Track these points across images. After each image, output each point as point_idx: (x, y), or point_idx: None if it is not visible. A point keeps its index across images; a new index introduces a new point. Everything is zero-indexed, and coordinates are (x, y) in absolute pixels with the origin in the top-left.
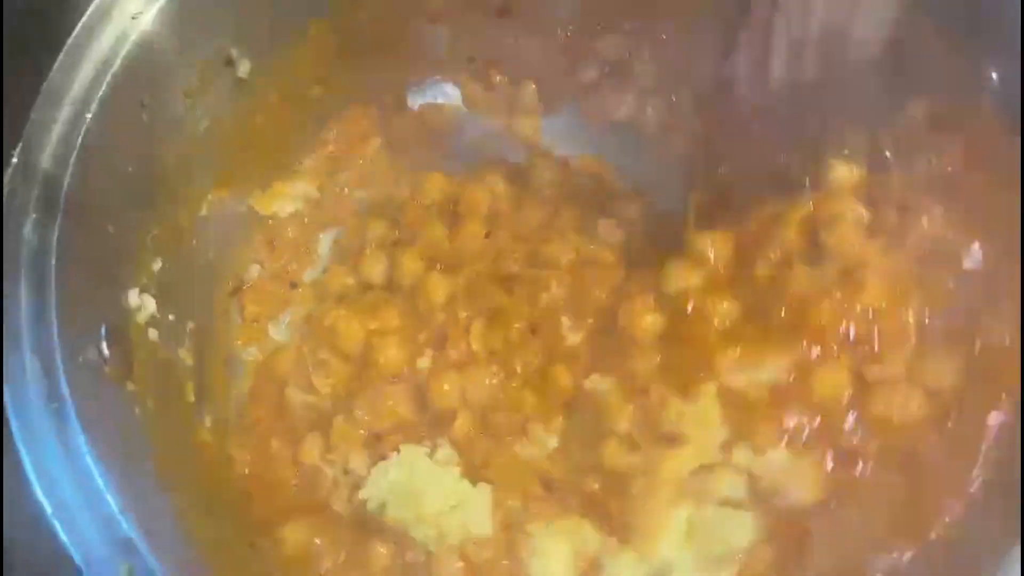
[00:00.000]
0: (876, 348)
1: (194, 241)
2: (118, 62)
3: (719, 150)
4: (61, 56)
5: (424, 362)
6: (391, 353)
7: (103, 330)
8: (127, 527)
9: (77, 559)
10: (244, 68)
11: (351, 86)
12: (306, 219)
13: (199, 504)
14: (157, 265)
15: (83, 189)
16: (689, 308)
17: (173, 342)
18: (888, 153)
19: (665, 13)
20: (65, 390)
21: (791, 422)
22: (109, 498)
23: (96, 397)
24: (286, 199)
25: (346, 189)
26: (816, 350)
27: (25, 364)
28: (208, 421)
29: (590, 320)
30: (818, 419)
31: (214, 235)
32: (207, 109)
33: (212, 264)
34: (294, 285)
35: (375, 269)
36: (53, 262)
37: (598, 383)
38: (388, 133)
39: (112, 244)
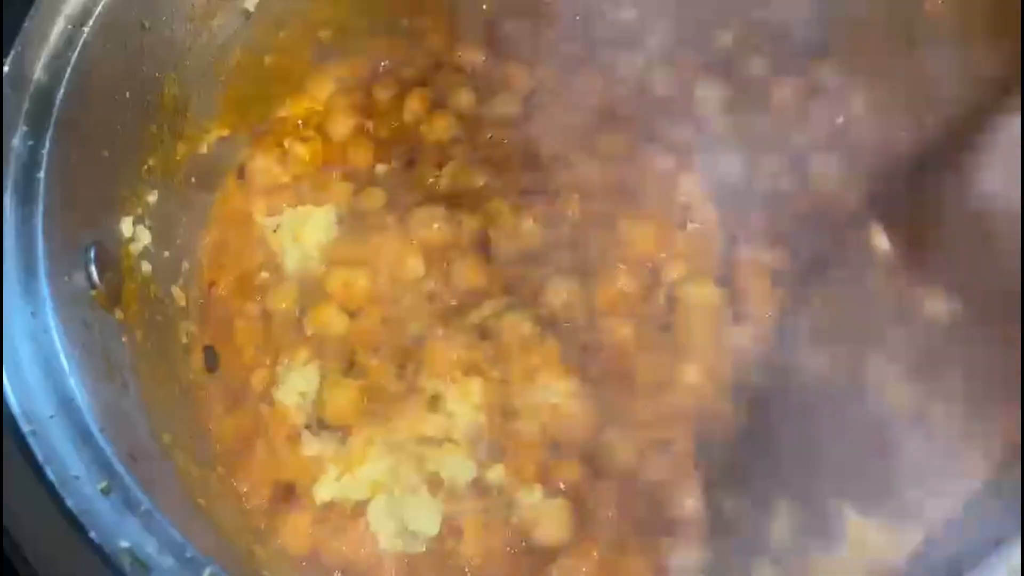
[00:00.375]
0: None
1: (193, 179)
2: None
3: None
4: None
5: None
6: None
7: (92, 252)
8: (107, 448)
9: (51, 475)
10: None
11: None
12: None
13: (186, 443)
14: (152, 197)
15: (76, 107)
16: None
17: (167, 279)
18: None
19: None
20: (48, 307)
21: None
22: (89, 419)
23: (80, 318)
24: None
25: None
26: None
27: (6, 276)
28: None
29: None
30: None
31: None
32: (211, 39)
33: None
34: None
35: None
36: (42, 175)
37: None
38: None
39: (106, 168)
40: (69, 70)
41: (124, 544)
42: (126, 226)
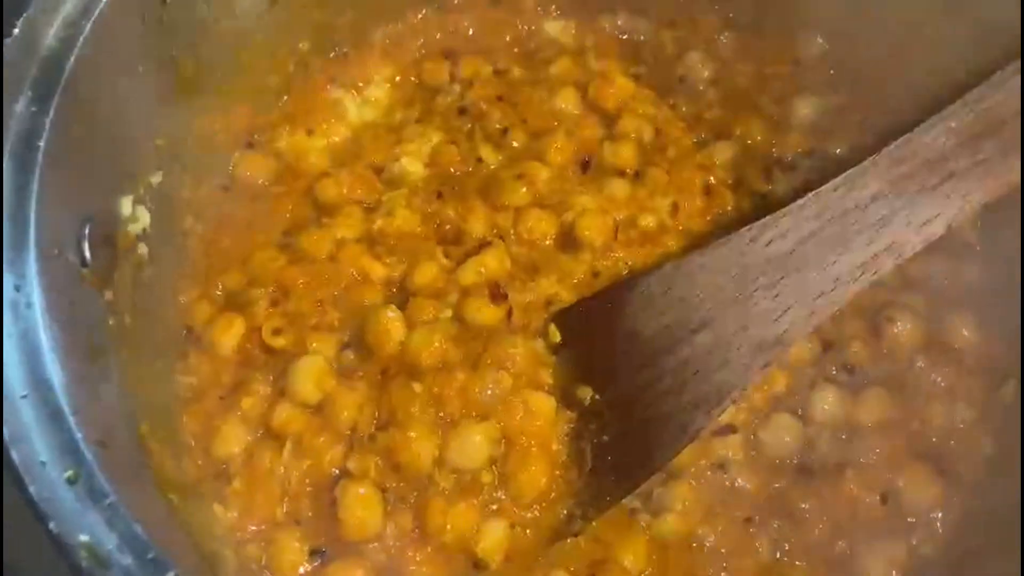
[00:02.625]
0: None
1: (203, 164)
2: None
3: None
4: None
5: None
6: None
7: (87, 229)
8: (78, 433)
9: (15, 458)
10: None
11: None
12: None
13: (164, 436)
14: (157, 178)
15: (86, 77)
16: None
17: (164, 266)
18: None
19: None
20: (34, 281)
21: None
22: (63, 400)
23: (67, 295)
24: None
25: None
26: None
27: None
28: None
29: None
30: None
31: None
32: (233, 21)
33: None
34: None
35: None
36: (42, 144)
37: None
38: None
39: (111, 143)
40: (82, 39)
41: (83, 538)
42: (126, 205)
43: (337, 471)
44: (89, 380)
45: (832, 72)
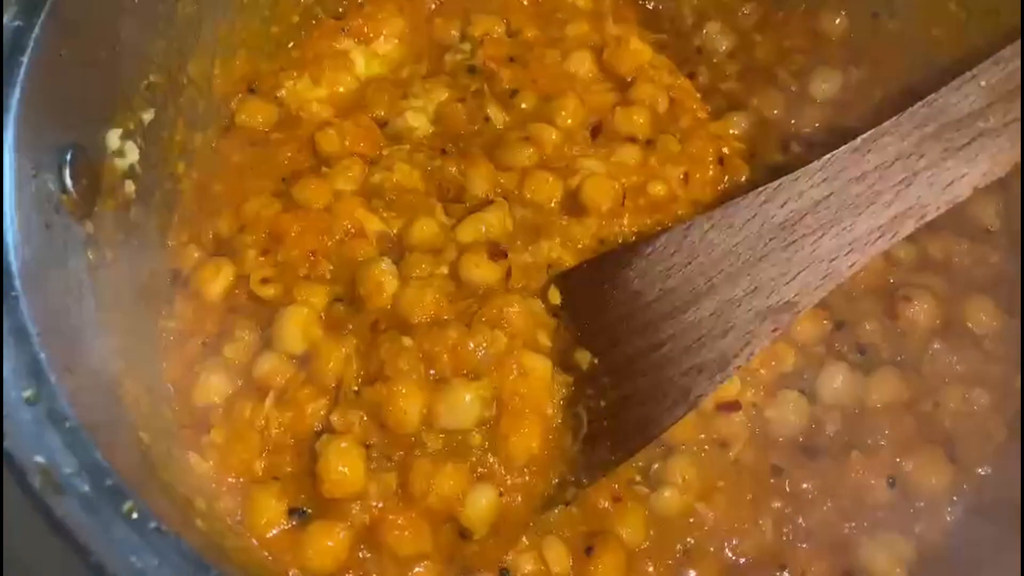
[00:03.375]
0: None
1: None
2: None
3: None
4: None
5: None
6: None
7: (69, 155)
8: (42, 353)
9: None
10: None
11: None
12: None
13: (140, 373)
14: (148, 115)
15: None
16: None
17: (151, 208)
18: None
19: None
20: (7, 205)
21: None
22: (27, 318)
23: (43, 220)
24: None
25: None
26: None
27: None
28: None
29: None
30: None
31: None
32: None
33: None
34: None
35: None
36: (25, 60)
37: None
38: None
39: (101, 72)
40: None
41: (39, 459)
42: (113, 138)
43: (320, 426)
44: (59, 306)
45: (853, 47)
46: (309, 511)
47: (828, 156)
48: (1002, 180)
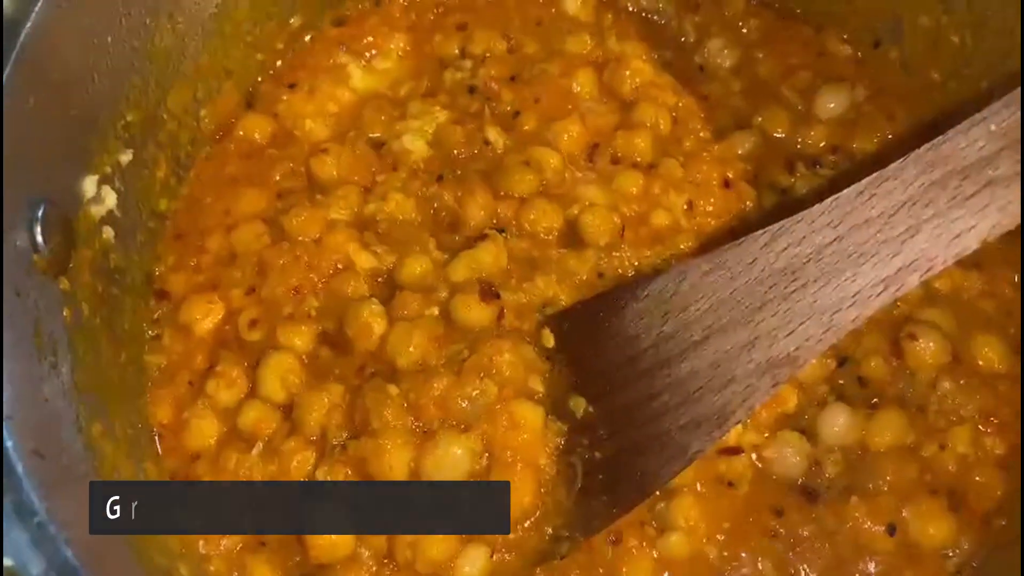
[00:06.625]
0: None
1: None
2: None
3: None
4: None
5: None
6: None
7: (40, 211)
8: (9, 442)
9: None
10: None
11: None
12: None
13: (120, 434)
14: (126, 157)
15: (44, 46)
16: None
17: (132, 249)
18: None
19: None
20: None
21: None
22: None
23: (13, 286)
24: None
25: None
26: None
27: None
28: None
29: None
30: None
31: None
32: None
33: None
34: None
35: None
36: None
37: None
38: None
39: (73, 118)
40: (39, 5)
41: (7, 562)
42: (90, 185)
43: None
44: (31, 380)
45: (859, 65)
46: None
47: (831, 199)
48: None
